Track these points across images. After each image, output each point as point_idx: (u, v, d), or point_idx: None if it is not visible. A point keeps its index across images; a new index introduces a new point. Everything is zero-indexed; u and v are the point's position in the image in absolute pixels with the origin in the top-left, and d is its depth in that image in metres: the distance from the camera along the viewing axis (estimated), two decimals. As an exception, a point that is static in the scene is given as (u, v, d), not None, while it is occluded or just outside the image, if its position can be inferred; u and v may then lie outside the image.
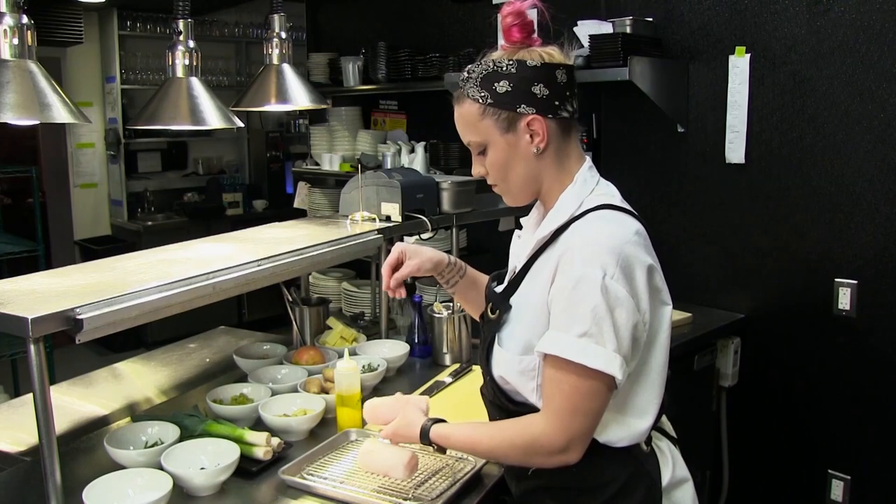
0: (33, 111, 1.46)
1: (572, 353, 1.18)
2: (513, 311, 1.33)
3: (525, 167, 1.32)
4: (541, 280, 1.28)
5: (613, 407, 1.27)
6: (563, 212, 1.30)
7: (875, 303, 2.46)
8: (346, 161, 4.33)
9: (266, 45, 2.34)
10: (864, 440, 2.53)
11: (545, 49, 1.32)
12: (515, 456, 1.29)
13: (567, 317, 1.20)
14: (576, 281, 1.19)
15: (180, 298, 1.61)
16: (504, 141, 1.31)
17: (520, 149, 1.31)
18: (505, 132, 1.30)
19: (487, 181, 1.39)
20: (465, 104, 1.33)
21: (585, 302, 1.18)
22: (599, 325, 1.18)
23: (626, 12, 2.93)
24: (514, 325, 1.32)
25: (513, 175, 1.33)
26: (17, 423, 1.90)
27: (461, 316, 2.28)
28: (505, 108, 1.28)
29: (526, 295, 1.32)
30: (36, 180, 4.38)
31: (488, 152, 1.33)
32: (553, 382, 1.22)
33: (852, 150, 2.47)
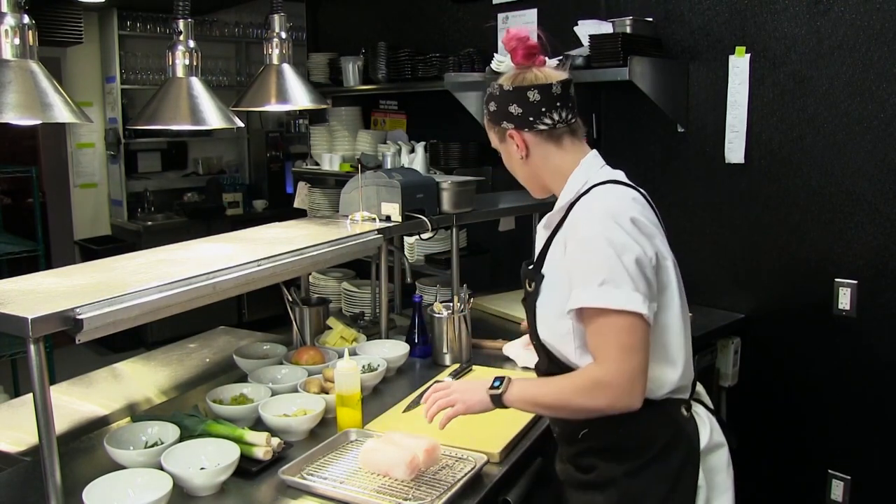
0: (35, 111, 1.46)
1: (598, 301, 1.34)
2: (544, 281, 1.49)
3: (521, 169, 1.58)
4: (558, 250, 1.46)
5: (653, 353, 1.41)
6: (570, 190, 1.50)
7: (875, 303, 2.46)
8: (346, 161, 4.33)
9: (266, 45, 2.34)
10: (864, 440, 2.53)
11: (542, 69, 1.52)
12: (579, 401, 1.38)
13: (584, 272, 1.37)
14: (584, 241, 1.38)
15: (180, 298, 1.61)
16: (503, 148, 1.59)
17: (512, 155, 1.57)
18: (501, 142, 1.58)
19: None
20: (484, 114, 1.60)
21: (597, 255, 1.35)
22: (613, 271, 1.34)
23: (626, 12, 2.93)
24: (546, 293, 1.48)
25: (520, 172, 1.60)
26: (17, 423, 1.90)
27: (461, 316, 2.28)
28: (495, 123, 1.56)
29: (551, 266, 1.49)
30: (36, 180, 4.37)
31: (502, 154, 1.61)
32: (595, 334, 1.37)
33: (852, 150, 2.47)
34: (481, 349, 2.41)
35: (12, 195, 6.98)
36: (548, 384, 1.45)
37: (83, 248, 5.78)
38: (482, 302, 2.87)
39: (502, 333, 2.53)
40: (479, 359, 2.31)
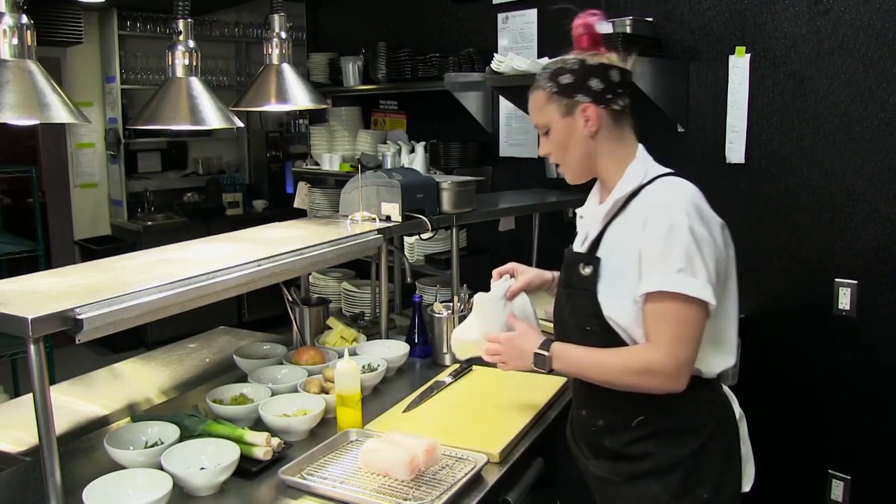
0: (33, 111, 1.46)
1: (674, 286, 1.40)
2: (603, 265, 1.51)
3: (581, 147, 1.57)
4: (625, 237, 1.49)
5: (710, 340, 1.49)
6: (630, 180, 1.54)
7: (875, 303, 2.46)
8: (346, 161, 4.33)
9: (266, 45, 2.34)
10: (864, 440, 2.53)
11: (608, 55, 1.57)
12: (627, 379, 1.46)
13: (664, 258, 1.42)
14: (668, 228, 1.42)
15: (180, 298, 1.61)
16: (563, 123, 1.56)
17: (576, 131, 1.55)
18: (564, 116, 1.55)
19: (551, 160, 1.64)
20: (535, 92, 1.59)
21: (679, 243, 1.41)
22: (691, 261, 1.41)
23: (626, 12, 2.93)
24: (610, 278, 1.51)
25: (570, 153, 1.58)
26: (17, 423, 1.90)
27: (461, 316, 2.28)
28: (566, 96, 1.54)
29: (613, 251, 1.51)
30: (36, 180, 4.37)
31: (551, 133, 1.58)
32: (657, 317, 1.43)
33: (852, 150, 2.47)
34: (481, 349, 2.41)
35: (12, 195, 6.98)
36: (599, 359, 1.49)
37: (83, 248, 5.78)
38: (482, 302, 2.86)
39: (502, 333, 2.53)
40: (479, 359, 2.31)
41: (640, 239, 1.46)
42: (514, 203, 3.02)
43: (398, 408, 1.92)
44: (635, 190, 1.52)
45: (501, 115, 3.64)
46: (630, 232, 1.49)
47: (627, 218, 1.52)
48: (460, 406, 1.94)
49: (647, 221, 1.46)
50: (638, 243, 1.46)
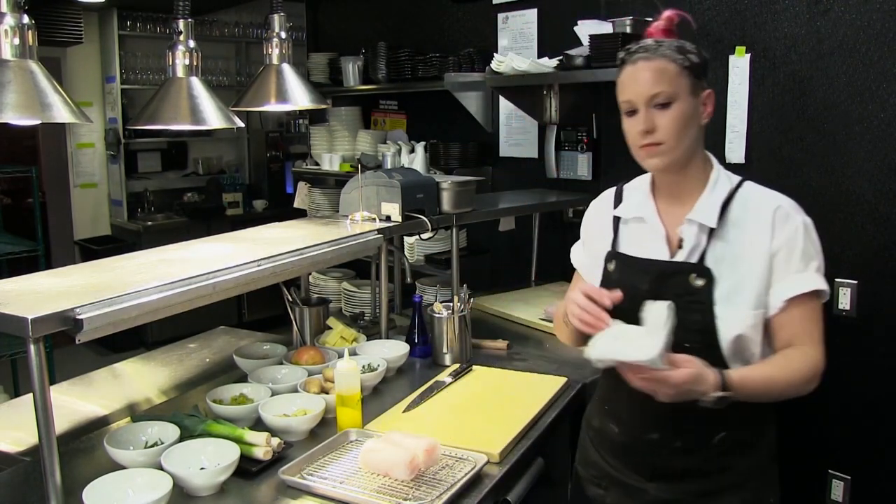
0: (34, 111, 1.46)
1: (820, 284, 1.44)
2: (721, 273, 1.44)
3: (696, 131, 1.49)
4: (744, 243, 1.45)
5: None
6: (723, 184, 1.51)
7: (875, 303, 2.46)
8: (346, 161, 4.33)
9: (266, 45, 2.34)
10: (864, 440, 2.53)
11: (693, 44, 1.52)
12: (798, 388, 1.46)
13: (804, 258, 1.43)
14: (803, 228, 1.45)
15: (180, 298, 1.61)
16: (690, 101, 1.46)
17: (697, 114, 1.48)
18: (691, 95, 1.46)
19: (650, 139, 1.46)
20: (662, 60, 1.45)
21: (813, 243, 1.45)
22: (821, 258, 1.47)
23: (626, 12, 2.93)
24: (724, 289, 1.44)
25: (688, 133, 1.47)
26: (17, 423, 1.90)
27: (461, 316, 2.28)
28: (695, 75, 1.46)
29: (723, 259, 1.45)
30: (36, 180, 4.38)
31: (674, 106, 1.44)
32: (807, 318, 1.46)
33: (852, 150, 2.47)
34: (481, 349, 2.41)
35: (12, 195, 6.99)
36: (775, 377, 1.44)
37: (83, 248, 5.78)
38: (482, 302, 2.87)
39: (502, 333, 2.53)
40: (479, 359, 2.31)
41: (772, 244, 1.43)
42: (514, 203, 3.02)
43: (398, 408, 1.92)
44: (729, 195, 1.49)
45: (501, 115, 3.64)
46: (750, 238, 1.45)
47: (737, 224, 1.47)
48: (460, 406, 1.94)
49: (776, 225, 1.44)
50: (767, 248, 1.43)
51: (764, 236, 1.44)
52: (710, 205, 1.48)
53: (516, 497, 1.68)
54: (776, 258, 1.44)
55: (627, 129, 1.51)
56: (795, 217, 1.46)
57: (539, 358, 2.32)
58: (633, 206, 1.59)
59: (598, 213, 1.71)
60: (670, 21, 1.53)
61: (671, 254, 1.51)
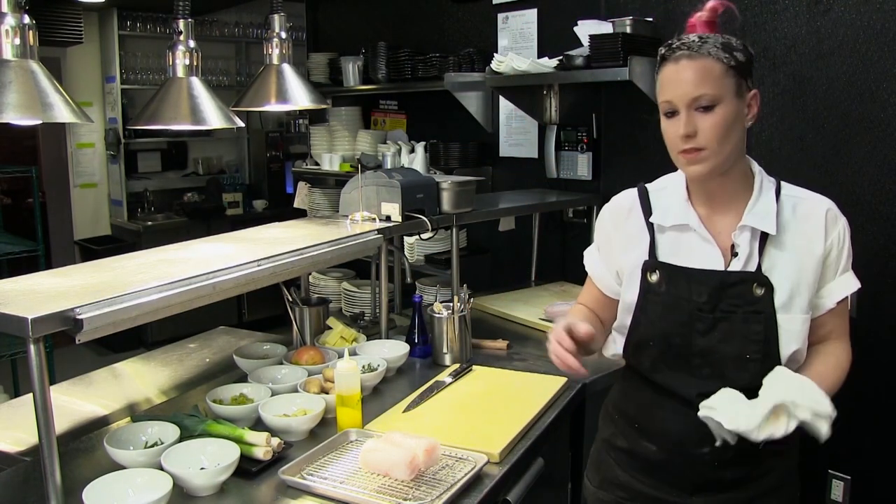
0: (35, 111, 1.46)
1: (858, 283, 1.47)
2: (778, 279, 1.41)
3: (739, 136, 1.42)
4: (798, 247, 1.43)
5: None
6: (768, 188, 1.47)
7: (875, 303, 2.46)
8: (346, 161, 4.33)
9: (266, 45, 2.34)
10: (864, 440, 2.53)
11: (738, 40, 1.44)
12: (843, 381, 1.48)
13: (847, 257, 1.46)
14: (846, 227, 1.46)
15: (180, 298, 1.61)
16: (735, 103, 1.38)
17: (741, 117, 1.40)
18: (736, 96, 1.38)
19: (691, 143, 1.38)
20: (707, 60, 1.36)
21: (850, 242, 1.47)
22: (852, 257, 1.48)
23: (626, 12, 2.93)
24: (787, 291, 1.41)
25: (732, 138, 1.39)
26: (17, 423, 1.90)
27: (461, 316, 2.28)
28: (741, 76, 1.38)
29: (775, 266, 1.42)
30: (36, 180, 4.38)
31: (717, 110, 1.36)
32: (843, 315, 1.49)
33: (852, 150, 2.47)
34: (481, 349, 2.41)
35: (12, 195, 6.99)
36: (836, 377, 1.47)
37: (83, 248, 5.78)
38: (482, 302, 2.87)
39: (502, 333, 2.53)
40: (479, 359, 2.31)
41: (824, 246, 1.43)
42: (514, 203, 3.02)
43: (398, 408, 1.92)
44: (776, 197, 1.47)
45: (501, 115, 3.64)
46: (805, 242, 1.43)
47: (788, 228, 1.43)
48: (460, 406, 1.94)
49: (829, 228, 1.44)
50: (821, 251, 1.43)
51: (818, 240, 1.43)
52: (764, 209, 1.43)
53: (516, 497, 1.68)
54: (828, 259, 1.44)
55: (667, 131, 1.43)
56: (841, 217, 1.47)
57: (539, 358, 2.31)
58: (673, 213, 1.48)
59: (623, 218, 1.57)
60: (714, 12, 1.43)
61: (726, 263, 1.43)
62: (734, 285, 1.40)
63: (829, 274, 1.45)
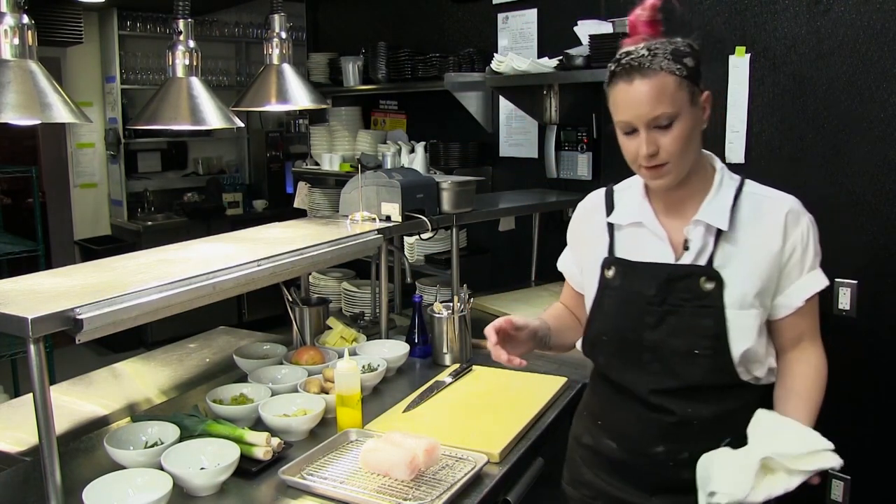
0: (34, 111, 1.46)
1: (826, 281, 1.47)
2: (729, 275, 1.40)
3: (699, 142, 1.44)
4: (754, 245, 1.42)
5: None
6: (728, 185, 1.47)
7: (875, 303, 2.46)
8: (346, 161, 4.33)
9: (266, 45, 2.34)
10: (864, 440, 2.53)
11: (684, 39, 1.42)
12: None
13: (813, 256, 1.45)
14: (810, 228, 1.45)
15: (180, 298, 1.61)
16: (692, 114, 1.38)
17: (699, 123, 1.42)
18: (692, 105, 1.38)
19: (654, 161, 1.38)
20: (659, 76, 1.34)
21: (817, 240, 1.47)
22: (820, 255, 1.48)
23: (626, 12, 2.93)
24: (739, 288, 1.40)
25: (691, 149, 1.41)
26: (17, 423, 1.90)
27: (461, 316, 2.28)
28: (694, 82, 1.38)
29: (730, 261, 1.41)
30: (36, 180, 4.38)
31: (675, 125, 1.36)
32: (813, 315, 1.49)
33: (852, 150, 2.47)
34: (481, 349, 2.41)
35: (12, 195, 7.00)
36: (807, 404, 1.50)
37: (83, 248, 5.78)
38: (482, 302, 2.86)
39: (502, 333, 2.53)
40: (479, 359, 2.31)
41: (785, 246, 1.42)
42: (514, 203, 3.02)
43: (398, 408, 1.92)
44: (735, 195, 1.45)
45: (501, 115, 3.64)
46: (761, 240, 1.42)
47: (746, 225, 1.43)
48: (460, 406, 1.94)
49: (789, 227, 1.43)
50: (779, 251, 1.41)
51: (776, 239, 1.42)
52: (719, 206, 1.43)
53: (516, 497, 1.68)
54: (790, 260, 1.43)
55: (626, 148, 1.42)
56: (804, 217, 1.46)
57: (539, 358, 2.31)
58: (629, 212, 1.51)
59: (587, 218, 1.62)
60: (654, 9, 1.41)
61: (676, 257, 1.44)
62: (682, 279, 1.41)
63: (793, 273, 1.44)
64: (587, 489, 1.59)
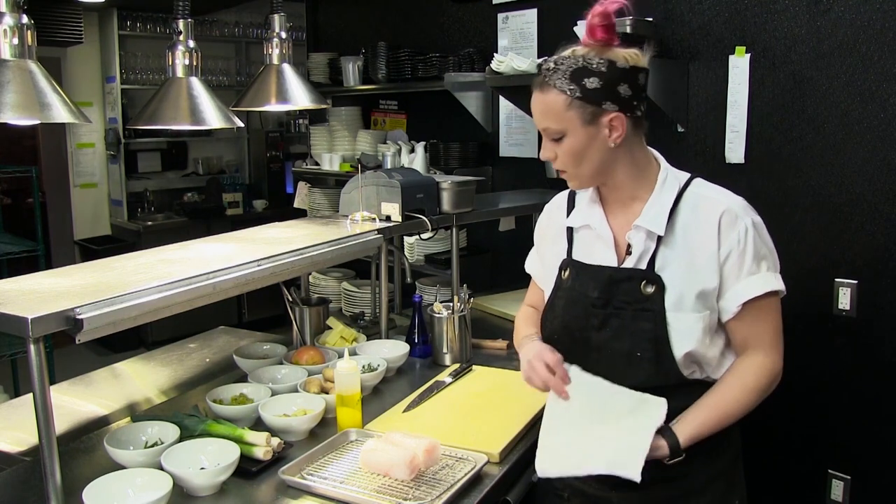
0: (34, 111, 1.46)
1: (774, 284, 1.42)
2: (669, 279, 1.40)
3: (600, 157, 1.42)
4: (692, 248, 1.41)
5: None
6: (670, 187, 1.46)
7: (875, 303, 2.46)
8: (346, 161, 4.33)
9: (266, 45, 2.34)
10: (864, 440, 2.53)
11: (628, 51, 1.42)
12: (758, 400, 1.44)
13: (756, 259, 1.40)
14: (753, 229, 1.40)
15: (180, 298, 1.61)
16: (584, 132, 1.39)
17: (597, 141, 1.40)
18: (587, 125, 1.39)
19: (554, 165, 1.47)
20: (550, 93, 1.39)
21: (763, 243, 1.42)
22: (774, 256, 1.45)
23: (626, 12, 2.93)
24: (680, 291, 1.40)
25: (586, 163, 1.43)
26: (17, 423, 1.90)
27: (461, 316, 2.28)
28: (591, 103, 1.37)
29: (669, 264, 1.41)
30: (36, 180, 4.38)
31: (565, 140, 1.41)
32: (760, 320, 1.44)
33: (852, 150, 2.47)
34: (481, 349, 2.41)
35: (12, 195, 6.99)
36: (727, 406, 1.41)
37: (83, 248, 5.78)
38: (482, 302, 2.87)
39: (502, 333, 2.53)
40: (479, 359, 2.31)
41: (720, 250, 1.39)
42: (514, 203, 3.02)
43: (398, 408, 1.92)
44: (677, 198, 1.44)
45: (501, 115, 3.64)
46: (699, 244, 1.40)
47: (685, 229, 1.42)
48: (460, 406, 1.94)
49: (723, 230, 1.39)
50: (715, 254, 1.39)
51: (711, 242, 1.40)
52: (658, 211, 1.43)
53: (516, 497, 1.68)
54: (727, 263, 1.40)
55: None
56: (743, 219, 1.41)
57: (539, 358, 2.31)
58: (582, 214, 1.55)
59: (550, 220, 1.66)
60: (605, 16, 1.42)
61: (619, 260, 1.47)
62: (623, 282, 1.43)
63: (731, 277, 1.41)
64: (556, 482, 1.60)
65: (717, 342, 1.44)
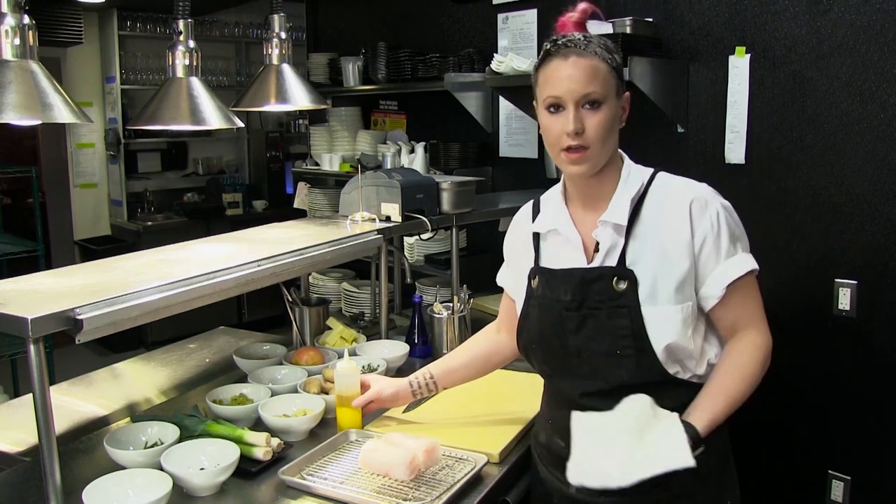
0: (35, 111, 1.46)
1: (752, 264, 1.43)
2: (641, 272, 1.40)
3: (617, 135, 1.45)
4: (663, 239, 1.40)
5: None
6: (634, 182, 1.46)
7: (875, 303, 2.46)
8: (346, 161, 4.33)
9: (266, 45, 2.34)
10: (864, 440, 2.53)
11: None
12: (760, 378, 1.44)
13: (731, 242, 1.42)
14: (724, 212, 1.42)
15: (180, 298, 1.61)
16: (616, 105, 1.42)
17: (619, 117, 1.44)
18: (617, 97, 1.43)
19: (577, 141, 1.40)
20: (594, 59, 1.40)
21: (736, 225, 1.44)
22: (745, 237, 1.46)
23: (626, 12, 2.93)
24: (653, 284, 1.39)
25: (612, 137, 1.43)
26: (17, 423, 1.90)
27: (461, 316, 2.28)
28: (619, 77, 1.43)
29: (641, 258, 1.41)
30: (36, 180, 4.38)
31: (603, 108, 1.40)
32: (744, 301, 1.44)
33: (852, 150, 2.47)
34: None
35: (12, 195, 6.99)
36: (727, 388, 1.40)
37: (83, 248, 5.79)
38: (482, 302, 2.86)
39: (502, 333, 2.53)
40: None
41: (694, 237, 1.39)
42: (514, 203, 3.01)
43: (398, 408, 1.92)
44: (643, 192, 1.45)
45: (501, 115, 3.64)
46: (669, 234, 1.40)
47: (653, 220, 1.42)
48: (460, 406, 1.94)
49: (694, 218, 1.40)
50: (688, 242, 1.39)
51: (683, 231, 1.40)
52: (622, 203, 1.44)
53: (516, 497, 1.68)
54: (703, 250, 1.40)
55: (550, 128, 1.43)
56: (713, 203, 1.42)
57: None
58: (548, 219, 1.54)
59: (516, 230, 1.65)
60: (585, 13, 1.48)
61: (588, 260, 1.46)
62: (595, 281, 1.42)
63: (710, 263, 1.41)
64: (545, 486, 1.60)
65: (697, 333, 1.43)
